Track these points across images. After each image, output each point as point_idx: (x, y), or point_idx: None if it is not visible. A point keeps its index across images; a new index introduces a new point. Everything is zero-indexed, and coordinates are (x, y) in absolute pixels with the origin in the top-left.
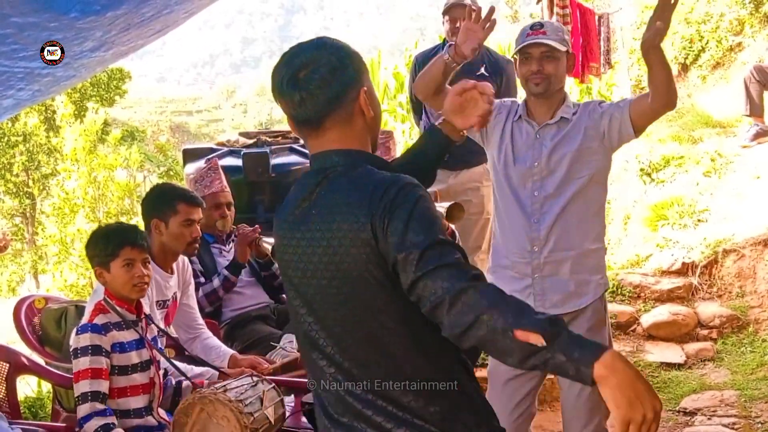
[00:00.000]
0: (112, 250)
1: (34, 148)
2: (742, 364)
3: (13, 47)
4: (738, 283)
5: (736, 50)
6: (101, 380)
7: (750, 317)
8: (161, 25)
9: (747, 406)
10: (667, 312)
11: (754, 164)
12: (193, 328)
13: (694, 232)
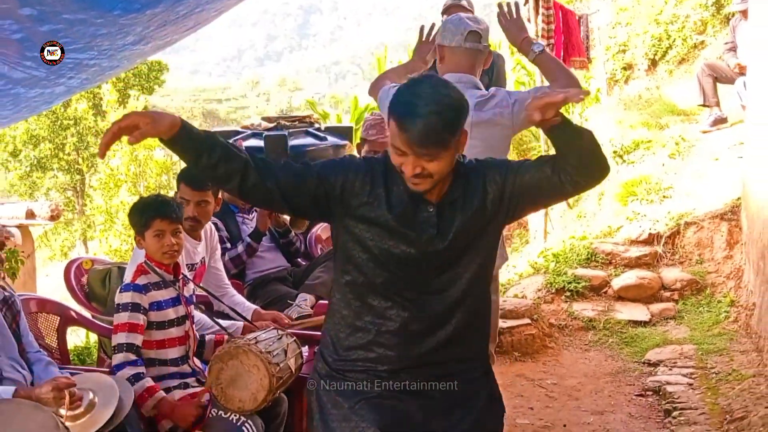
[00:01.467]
0: (145, 221)
1: (83, 130)
2: (700, 322)
3: (64, 41)
4: (697, 252)
5: (699, 48)
6: (137, 334)
7: (707, 281)
8: (194, 22)
9: (703, 358)
10: (634, 276)
11: (712, 148)
12: (221, 288)
13: (659, 206)
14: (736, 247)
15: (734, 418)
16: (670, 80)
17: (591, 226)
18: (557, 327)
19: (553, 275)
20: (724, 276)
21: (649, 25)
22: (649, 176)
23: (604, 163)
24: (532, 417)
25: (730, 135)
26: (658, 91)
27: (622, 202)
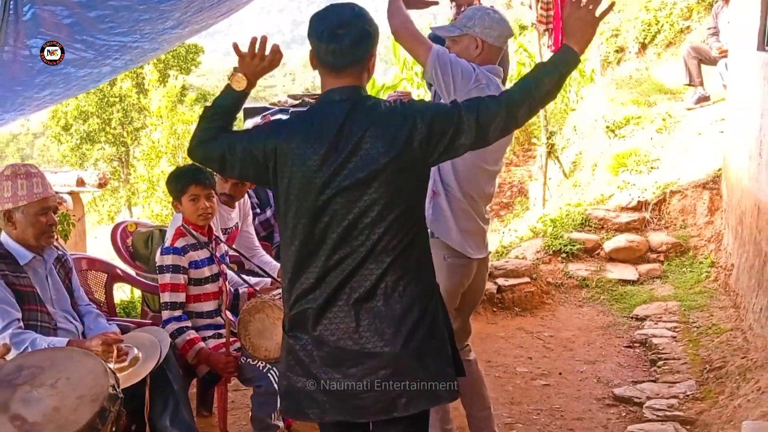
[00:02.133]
0: (181, 187)
1: (127, 106)
2: (683, 281)
3: (110, 25)
4: (681, 218)
5: (685, 32)
6: (179, 293)
7: (690, 244)
8: (227, 8)
9: (686, 313)
10: (624, 240)
11: (696, 123)
12: (251, 249)
13: (647, 176)
14: (717, 214)
15: (713, 368)
16: (658, 62)
17: (585, 194)
18: (554, 285)
19: (551, 238)
20: (705, 239)
21: (639, 11)
22: (638, 149)
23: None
24: (531, 365)
25: (712, 112)
26: (647, 71)
27: (614, 172)
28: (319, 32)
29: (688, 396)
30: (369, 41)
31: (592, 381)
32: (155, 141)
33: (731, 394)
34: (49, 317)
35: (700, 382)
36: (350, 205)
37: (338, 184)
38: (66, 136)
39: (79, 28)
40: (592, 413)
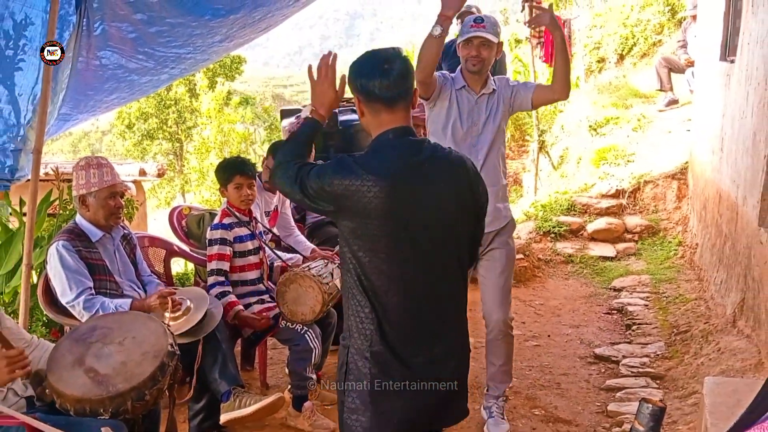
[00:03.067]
0: (228, 176)
1: (181, 108)
2: (654, 258)
3: (167, 39)
4: (653, 204)
5: (657, 45)
6: (225, 262)
7: (661, 226)
8: (266, 24)
9: (656, 285)
10: (604, 222)
11: (666, 123)
12: (288, 229)
13: (624, 168)
14: (684, 200)
15: (680, 332)
16: (634, 70)
17: (571, 183)
18: (544, 261)
19: (541, 221)
20: (673, 222)
21: (618, 27)
22: (617, 145)
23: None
24: (524, 329)
25: (680, 113)
26: (625, 79)
27: (596, 165)
28: (367, 71)
29: (658, 355)
30: (412, 73)
31: (576, 342)
32: (205, 138)
33: (695, 353)
34: (116, 286)
35: (669, 344)
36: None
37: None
38: (129, 134)
39: (142, 42)
40: (576, 369)
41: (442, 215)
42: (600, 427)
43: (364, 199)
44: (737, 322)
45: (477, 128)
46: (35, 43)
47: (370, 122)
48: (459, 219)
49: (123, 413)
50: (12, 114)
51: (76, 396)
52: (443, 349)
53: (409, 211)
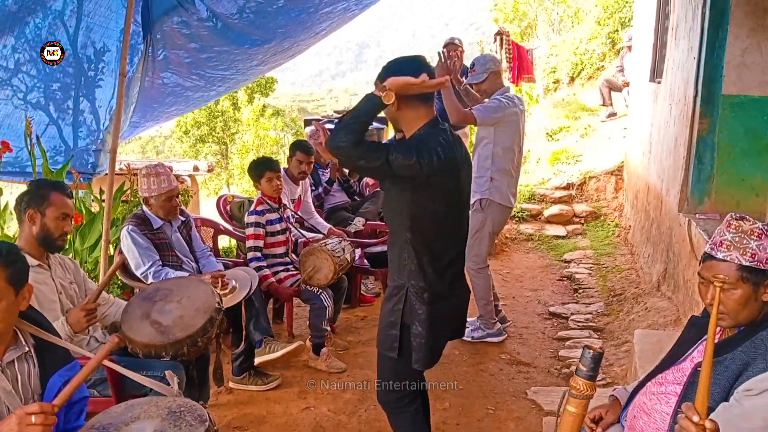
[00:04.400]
0: (260, 173)
1: (226, 119)
2: (597, 237)
3: (215, 63)
4: (596, 194)
5: (601, 69)
6: (259, 240)
7: (602, 212)
8: (293, 52)
9: (598, 258)
10: (558, 209)
11: (607, 131)
12: (310, 213)
13: (573, 167)
14: (620, 192)
15: (616, 294)
16: (582, 89)
17: (532, 178)
18: (510, 239)
19: None
20: (612, 209)
21: (570, 55)
22: (568, 148)
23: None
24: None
25: (618, 123)
26: (575, 96)
27: (551, 163)
28: (410, 72)
29: (599, 313)
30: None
31: (535, 302)
32: (245, 141)
33: (627, 311)
34: (177, 259)
35: (607, 304)
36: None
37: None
38: (186, 138)
39: (195, 65)
40: (534, 324)
41: (466, 170)
42: (553, 369)
43: (424, 171)
44: (661, 287)
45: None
46: (111, 66)
47: (408, 115)
48: (468, 172)
49: (180, 356)
50: (93, 122)
51: (143, 342)
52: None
53: (456, 173)
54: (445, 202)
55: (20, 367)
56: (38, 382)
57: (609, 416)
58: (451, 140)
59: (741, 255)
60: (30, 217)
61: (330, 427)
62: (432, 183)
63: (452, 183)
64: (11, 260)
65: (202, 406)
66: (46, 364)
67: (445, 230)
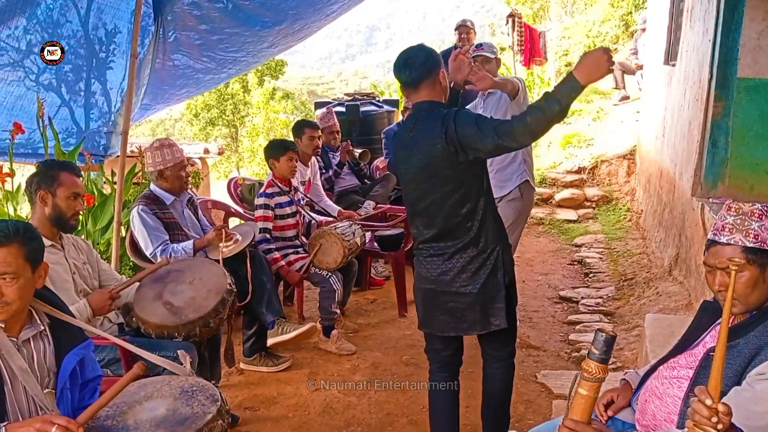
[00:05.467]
0: (283, 151)
1: (236, 101)
2: (608, 221)
3: (226, 45)
4: (608, 178)
5: (614, 52)
6: (268, 222)
7: (614, 196)
8: (303, 34)
9: (609, 242)
10: (569, 192)
11: (619, 115)
12: (319, 195)
13: (585, 150)
14: (632, 176)
15: (627, 279)
16: None
17: (543, 162)
18: None
19: None
20: (624, 193)
21: (582, 38)
22: (580, 132)
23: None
24: None
25: (631, 107)
26: None
27: (563, 147)
28: (397, 65)
29: (610, 297)
30: (425, 59)
31: (545, 286)
32: (255, 124)
33: (638, 296)
34: (186, 237)
35: (618, 288)
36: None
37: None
38: (196, 121)
39: (206, 47)
40: (544, 307)
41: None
42: (563, 352)
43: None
44: (672, 271)
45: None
46: (122, 48)
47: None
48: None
49: (192, 337)
50: (105, 104)
51: (156, 323)
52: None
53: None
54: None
55: (36, 345)
56: (53, 361)
57: (620, 400)
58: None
59: (744, 237)
60: (41, 198)
61: (340, 408)
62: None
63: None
64: (29, 237)
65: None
66: (61, 342)
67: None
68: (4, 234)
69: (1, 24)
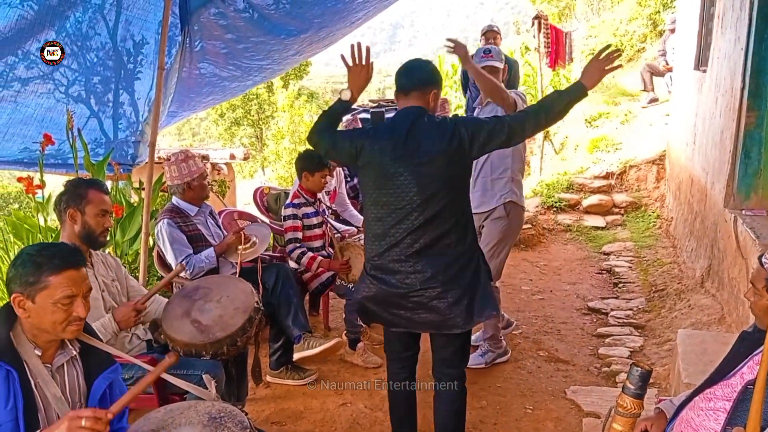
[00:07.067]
0: (318, 168)
1: (261, 102)
2: (637, 228)
3: (251, 53)
4: (637, 184)
5: (641, 52)
6: (298, 231)
7: (642, 202)
8: (329, 41)
9: (638, 250)
10: (596, 198)
11: (648, 118)
12: (344, 205)
13: (613, 155)
14: (662, 182)
15: (657, 290)
16: (622, 73)
17: (570, 166)
18: (548, 229)
19: (546, 197)
20: (653, 199)
21: (609, 37)
22: (607, 135)
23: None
24: (531, 285)
25: (660, 110)
26: (614, 80)
27: (590, 151)
28: (399, 72)
29: (640, 309)
30: (424, 73)
31: (573, 296)
32: (280, 127)
33: (670, 308)
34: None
35: (648, 299)
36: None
37: (406, 168)
38: (221, 121)
39: (232, 56)
40: (572, 319)
41: None
42: (592, 367)
43: None
44: (704, 283)
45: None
46: (150, 58)
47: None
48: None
49: (220, 355)
50: (132, 114)
51: (184, 341)
52: None
53: None
54: None
55: (69, 371)
56: (84, 385)
57: (654, 429)
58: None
59: None
60: (71, 216)
61: (367, 424)
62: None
63: None
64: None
65: (241, 406)
66: (90, 367)
67: None
68: (80, 257)
69: (31, 37)
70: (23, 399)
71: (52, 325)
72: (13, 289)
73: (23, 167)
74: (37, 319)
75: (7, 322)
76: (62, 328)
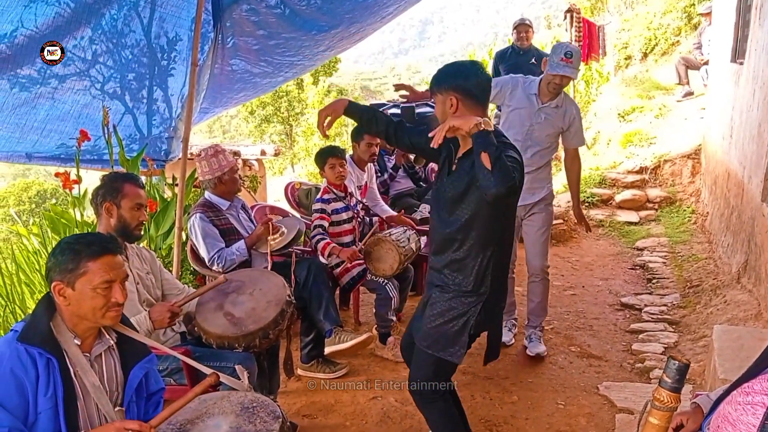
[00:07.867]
0: (324, 160)
1: (291, 98)
2: (671, 223)
3: (282, 50)
4: (671, 179)
5: (676, 45)
6: (324, 221)
7: (677, 197)
8: (360, 36)
9: (673, 246)
10: (630, 194)
11: (683, 112)
12: (375, 200)
13: (647, 149)
14: (697, 176)
15: (692, 285)
16: (656, 66)
17: (602, 161)
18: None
19: None
20: (688, 194)
21: (642, 30)
22: (641, 130)
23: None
24: (563, 280)
25: (695, 103)
26: (648, 73)
27: (623, 146)
28: (470, 77)
29: (674, 305)
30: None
31: (606, 292)
32: (310, 123)
33: (705, 304)
34: None
35: (683, 295)
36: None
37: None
38: (251, 118)
39: (263, 52)
40: (605, 315)
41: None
42: (625, 363)
43: None
44: (741, 279)
45: (532, 128)
46: (183, 55)
47: (440, 115)
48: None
49: (252, 348)
50: (166, 110)
51: (217, 333)
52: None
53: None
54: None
55: (106, 360)
56: (121, 375)
57: (690, 424)
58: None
59: None
60: (107, 209)
61: (397, 417)
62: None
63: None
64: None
65: (273, 399)
66: (127, 357)
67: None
68: (116, 244)
69: (68, 35)
70: (63, 387)
71: (92, 311)
72: (53, 278)
73: (60, 163)
74: (77, 306)
75: (48, 311)
76: (102, 314)
